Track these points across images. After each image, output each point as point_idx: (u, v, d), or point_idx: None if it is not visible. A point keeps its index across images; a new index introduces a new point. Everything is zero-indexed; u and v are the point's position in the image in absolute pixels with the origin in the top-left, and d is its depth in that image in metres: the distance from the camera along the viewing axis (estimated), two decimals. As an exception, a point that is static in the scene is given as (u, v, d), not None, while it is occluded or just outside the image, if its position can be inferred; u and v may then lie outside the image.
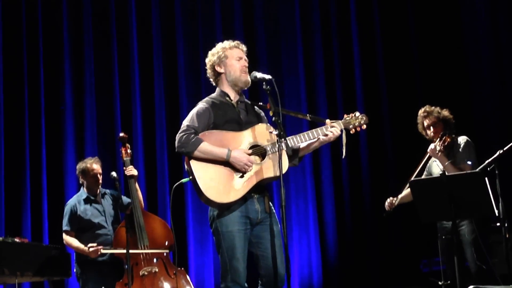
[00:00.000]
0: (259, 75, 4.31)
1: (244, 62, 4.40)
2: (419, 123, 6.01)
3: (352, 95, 8.38)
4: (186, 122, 4.28)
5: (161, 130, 7.99)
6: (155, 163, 7.93)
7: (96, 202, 6.02)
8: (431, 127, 5.89)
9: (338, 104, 8.38)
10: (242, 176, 4.20)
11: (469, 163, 5.64)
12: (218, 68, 4.42)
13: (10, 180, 7.47)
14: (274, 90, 4.15)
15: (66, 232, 5.94)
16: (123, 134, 6.07)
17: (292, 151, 4.36)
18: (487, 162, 5.27)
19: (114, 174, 5.82)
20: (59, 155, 7.71)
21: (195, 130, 4.23)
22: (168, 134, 7.91)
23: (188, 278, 5.80)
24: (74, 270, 5.95)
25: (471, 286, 4.84)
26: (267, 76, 4.26)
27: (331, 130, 4.32)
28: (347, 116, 4.43)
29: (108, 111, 7.93)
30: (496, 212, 5.05)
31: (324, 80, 8.42)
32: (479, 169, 5.23)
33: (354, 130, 4.42)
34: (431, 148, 5.74)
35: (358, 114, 4.44)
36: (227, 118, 4.31)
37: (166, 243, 5.86)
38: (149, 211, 6.38)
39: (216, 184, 4.17)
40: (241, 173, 4.20)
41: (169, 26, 8.25)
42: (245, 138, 4.27)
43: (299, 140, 4.30)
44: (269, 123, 4.38)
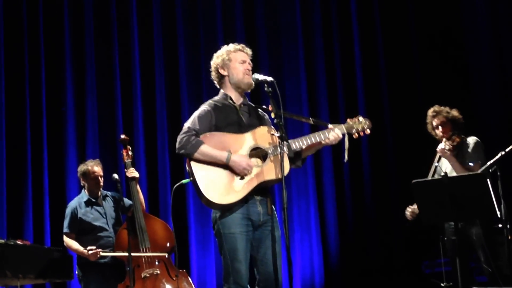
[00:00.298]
0: (260, 77, 4.31)
1: (247, 65, 4.39)
2: (428, 123, 5.93)
3: (353, 97, 8.36)
4: (187, 124, 4.29)
5: (162, 132, 7.99)
6: (156, 164, 7.93)
7: (97, 204, 6.01)
8: (439, 127, 5.81)
9: (340, 106, 8.37)
10: (242, 178, 4.20)
11: (470, 164, 5.61)
12: (222, 71, 4.42)
13: (11, 182, 7.46)
14: (275, 92, 4.15)
15: (66, 234, 5.94)
16: (124, 136, 6.07)
17: (294, 153, 4.34)
18: (489, 163, 5.27)
19: (116, 176, 5.82)
20: (60, 157, 7.71)
21: (196, 132, 4.23)
22: (169, 136, 7.90)
23: (190, 280, 5.80)
24: (76, 272, 5.95)
25: None
26: (269, 78, 4.26)
27: (333, 134, 4.32)
28: (350, 120, 4.43)
29: (109, 113, 7.93)
30: (498, 213, 5.05)
31: (325, 82, 8.41)
32: (481, 170, 5.24)
33: (357, 135, 4.41)
34: (440, 147, 5.67)
35: (361, 119, 4.43)
36: (229, 120, 4.31)
37: (168, 245, 5.86)
38: (150, 213, 6.37)
39: (216, 186, 4.17)
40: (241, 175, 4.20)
41: (170, 28, 8.25)
42: (246, 141, 4.27)
43: (301, 143, 4.29)
44: (272, 126, 4.37)
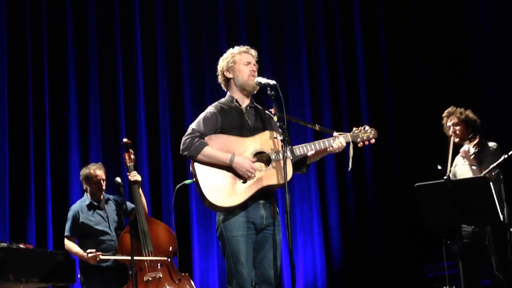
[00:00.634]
0: (263, 80, 4.31)
1: (252, 67, 4.39)
2: (443, 124, 5.87)
3: (356, 101, 8.36)
4: (192, 126, 4.30)
5: (165, 135, 7.99)
6: (159, 168, 7.93)
7: (100, 208, 5.99)
8: (452, 128, 5.76)
9: (342, 110, 8.36)
10: (245, 182, 4.20)
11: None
12: (227, 74, 4.42)
13: (14, 186, 7.46)
14: (278, 96, 4.15)
15: (67, 238, 5.94)
16: (127, 140, 6.06)
17: (299, 160, 4.37)
18: (492, 166, 5.26)
19: (119, 179, 5.82)
20: (63, 160, 7.71)
21: (200, 134, 4.24)
22: (172, 139, 7.90)
23: (192, 283, 5.80)
24: (78, 276, 5.94)
25: None
26: (272, 82, 4.26)
27: (337, 143, 4.33)
28: (356, 129, 4.44)
29: (112, 117, 7.93)
30: (501, 217, 5.04)
31: (328, 86, 8.40)
32: (484, 174, 5.23)
33: (362, 144, 4.43)
34: (464, 149, 5.59)
35: (367, 128, 4.44)
36: (234, 123, 4.31)
37: (170, 249, 5.85)
38: (153, 216, 6.38)
39: (218, 188, 4.18)
40: (243, 179, 4.21)
41: (173, 31, 8.26)
42: (250, 144, 4.27)
43: (305, 150, 4.31)
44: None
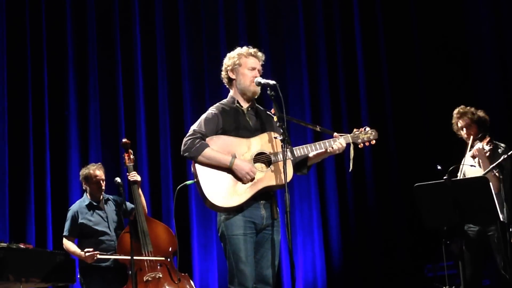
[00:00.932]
0: (263, 80, 4.31)
1: (256, 73, 4.37)
2: (453, 124, 5.81)
3: (356, 101, 8.35)
4: (193, 127, 4.31)
5: (165, 135, 7.99)
6: (159, 168, 7.93)
7: (99, 208, 5.99)
8: (464, 129, 5.70)
9: (342, 110, 8.36)
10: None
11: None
12: (231, 74, 4.42)
13: (14, 186, 7.46)
14: (278, 96, 4.15)
15: (65, 237, 5.94)
16: (126, 140, 6.05)
17: (300, 161, 4.38)
18: (491, 166, 5.27)
19: (118, 179, 5.82)
20: (63, 161, 7.71)
21: (201, 135, 4.25)
22: (172, 139, 7.91)
23: (192, 283, 5.80)
24: (78, 276, 5.94)
25: None
26: (271, 82, 4.26)
27: (337, 144, 4.33)
28: (356, 130, 4.44)
29: (112, 117, 7.93)
30: (501, 216, 5.04)
31: (328, 86, 8.40)
32: (483, 173, 5.23)
33: (363, 145, 4.43)
34: (479, 148, 5.50)
35: (368, 129, 4.44)
36: (236, 124, 4.32)
37: (170, 249, 5.85)
38: (153, 217, 6.38)
39: (219, 188, 4.19)
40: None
41: (172, 31, 8.25)
42: (251, 146, 4.28)
43: (305, 151, 4.31)
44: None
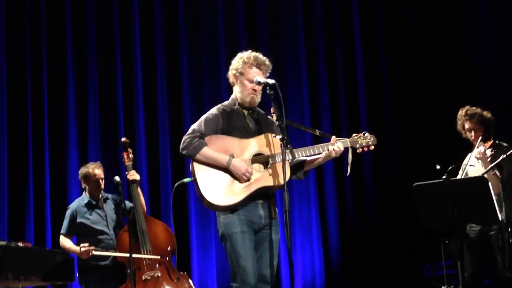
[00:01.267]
0: (262, 80, 4.31)
1: (256, 87, 4.34)
2: (458, 124, 5.73)
3: (355, 102, 8.36)
4: (193, 126, 4.34)
5: (164, 135, 7.99)
6: (158, 167, 7.93)
7: (98, 207, 5.99)
8: (472, 131, 5.63)
9: (341, 111, 8.37)
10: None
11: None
12: (233, 78, 4.43)
13: (13, 184, 7.46)
14: (278, 95, 4.15)
15: (62, 235, 5.94)
16: (125, 139, 6.04)
17: (296, 164, 4.39)
18: (490, 166, 5.27)
19: (117, 178, 5.82)
20: (62, 159, 7.71)
21: (200, 134, 4.27)
22: (171, 138, 7.91)
23: (191, 282, 5.79)
24: (77, 275, 5.94)
25: None
26: (271, 81, 4.26)
27: (334, 147, 4.33)
28: (355, 135, 4.45)
29: (111, 116, 7.93)
30: (499, 216, 5.04)
31: (327, 87, 8.41)
32: (482, 173, 5.23)
33: (361, 150, 4.43)
34: (481, 151, 5.47)
35: (367, 135, 4.45)
36: (235, 125, 4.34)
37: (169, 248, 5.85)
38: (152, 215, 6.37)
39: (216, 187, 4.21)
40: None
41: (172, 31, 8.25)
42: (250, 146, 4.30)
43: (302, 153, 4.32)
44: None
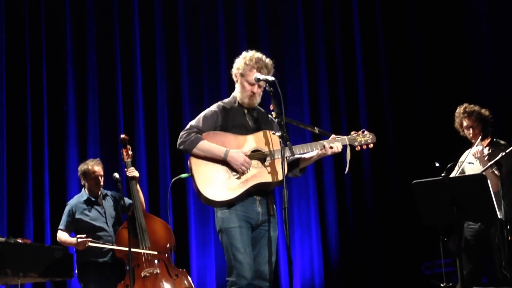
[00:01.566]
0: (262, 77, 4.30)
1: (255, 88, 4.34)
2: (456, 121, 5.74)
3: (354, 100, 8.36)
4: (191, 122, 4.36)
5: (163, 131, 8.00)
6: (157, 164, 7.93)
7: (97, 203, 6.00)
8: (470, 129, 5.65)
9: (341, 109, 8.37)
10: (239, 177, 4.23)
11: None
12: (234, 78, 4.45)
13: (12, 181, 7.47)
14: (277, 92, 4.15)
15: (60, 230, 5.94)
16: (124, 136, 6.05)
17: (291, 162, 4.39)
18: (489, 164, 5.27)
19: (117, 175, 5.82)
20: (61, 156, 7.72)
21: (198, 130, 4.28)
22: (170, 135, 7.91)
23: (189, 279, 5.80)
24: (76, 271, 5.95)
25: None
26: (270, 78, 4.25)
27: (332, 145, 4.33)
28: (354, 133, 4.44)
29: (110, 112, 7.93)
30: (498, 214, 5.04)
31: (327, 85, 8.41)
32: (481, 171, 5.23)
33: (360, 148, 4.43)
34: (479, 150, 5.46)
35: (366, 133, 4.45)
36: (235, 123, 4.34)
37: (168, 244, 5.85)
38: (151, 212, 6.37)
39: (212, 182, 4.22)
40: (238, 173, 4.23)
41: (172, 28, 8.25)
42: (248, 142, 4.30)
43: (300, 150, 4.32)
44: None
